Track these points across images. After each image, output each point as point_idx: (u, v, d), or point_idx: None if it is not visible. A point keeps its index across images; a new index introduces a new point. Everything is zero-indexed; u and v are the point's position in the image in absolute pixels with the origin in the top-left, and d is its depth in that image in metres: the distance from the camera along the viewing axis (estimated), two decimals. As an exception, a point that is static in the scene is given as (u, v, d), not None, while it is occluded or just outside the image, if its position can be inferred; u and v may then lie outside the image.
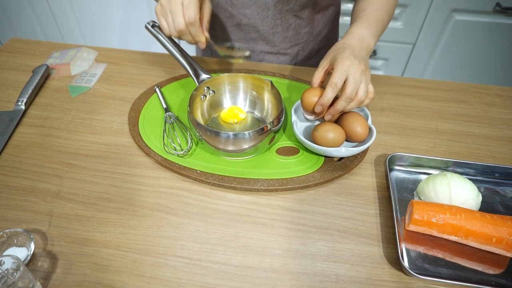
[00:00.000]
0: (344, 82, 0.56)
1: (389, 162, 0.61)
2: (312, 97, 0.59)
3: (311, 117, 0.64)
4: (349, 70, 0.56)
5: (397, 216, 0.55)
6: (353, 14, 0.71)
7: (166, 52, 0.71)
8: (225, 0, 0.76)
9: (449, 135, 0.69)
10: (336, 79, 0.56)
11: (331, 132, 0.59)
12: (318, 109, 0.58)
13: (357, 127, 0.59)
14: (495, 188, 0.60)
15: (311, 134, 0.61)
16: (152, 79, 0.79)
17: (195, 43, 0.63)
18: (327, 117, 0.60)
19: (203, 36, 0.62)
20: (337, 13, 0.88)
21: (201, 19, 0.61)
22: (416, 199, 0.57)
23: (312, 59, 0.89)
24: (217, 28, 0.83)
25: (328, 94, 0.56)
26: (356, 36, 0.63)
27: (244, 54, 0.65)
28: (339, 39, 0.69)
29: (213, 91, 0.69)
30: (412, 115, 0.73)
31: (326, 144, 0.58)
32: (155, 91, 0.74)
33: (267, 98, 0.68)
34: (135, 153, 0.64)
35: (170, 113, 0.68)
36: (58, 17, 1.67)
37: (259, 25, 0.79)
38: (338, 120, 0.62)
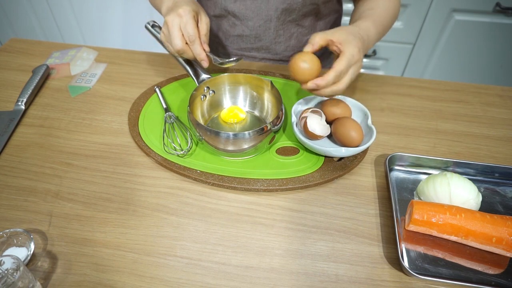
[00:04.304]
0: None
1: (389, 162, 0.61)
2: (301, 62, 0.57)
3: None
4: (354, 63, 0.56)
5: (397, 216, 0.55)
6: (358, 11, 0.71)
7: (166, 52, 0.71)
8: (227, 13, 0.77)
9: (449, 135, 0.69)
10: (343, 67, 0.55)
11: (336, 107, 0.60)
12: (311, 86, 0.57)
13: (352, 131, 0.59)
14: (495, 188, 0.60)
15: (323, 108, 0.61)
16: (152, 79, 0.79)
17: (199, 60, 0.63)
18: (309, 87, 0.58)
19: (203, 53, 0.62)
20: (338, 18, 0.88)
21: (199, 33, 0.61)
22: (416, 199, 0.57)
23: None
24: (220, 36, 0.83)
25: (329, 78, 0.55)
26: (367, 33, 0.63)
27: (237, 60, 0.64)
28: None
29: (213, 91, 0.69)
30: (412, 115, 0.73)
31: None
32: (155, 91, 0.74)
33: (267, 98, 0.68)
34: (135, 153, 0.64)
35: (170, 113, 0.68)
36: (58, 17, 1.67)
37: (261, 36, 0.79)
38: (332, 125, 0.62)
